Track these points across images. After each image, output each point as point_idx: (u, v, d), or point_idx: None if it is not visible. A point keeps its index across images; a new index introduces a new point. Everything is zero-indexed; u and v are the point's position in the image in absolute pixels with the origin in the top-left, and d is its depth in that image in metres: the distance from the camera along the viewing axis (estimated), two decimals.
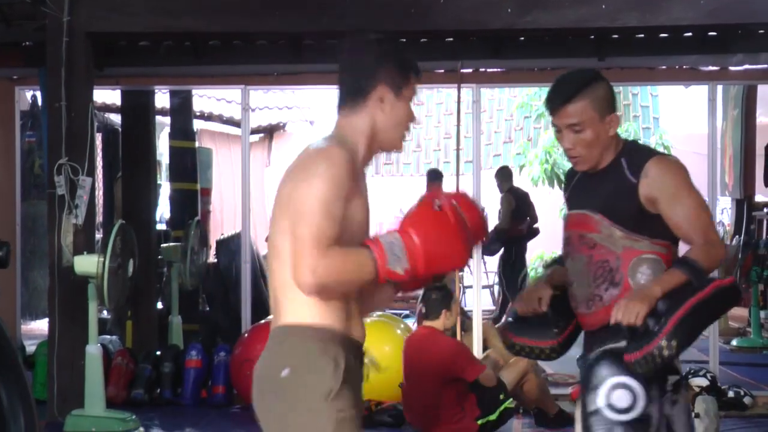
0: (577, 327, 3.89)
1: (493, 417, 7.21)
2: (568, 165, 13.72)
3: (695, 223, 3.62)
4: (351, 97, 3.20)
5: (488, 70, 9.12)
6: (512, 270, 12.85)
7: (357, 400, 3.07)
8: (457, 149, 9.47)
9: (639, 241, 3.66)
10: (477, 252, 9.27)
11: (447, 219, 3.07)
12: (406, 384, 7.33)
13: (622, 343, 3.59)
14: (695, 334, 3.55)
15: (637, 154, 3.75)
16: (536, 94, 15.86)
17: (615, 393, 3.62)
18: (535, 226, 12.86)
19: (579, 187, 3.88)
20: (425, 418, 7.18)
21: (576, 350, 4.04)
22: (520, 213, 12.72)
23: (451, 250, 3.05)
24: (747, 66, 8.77)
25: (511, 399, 7.37)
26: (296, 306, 3.04)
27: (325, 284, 2.94)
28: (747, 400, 8.04)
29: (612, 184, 3.72)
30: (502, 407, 7.25)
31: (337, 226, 2.97)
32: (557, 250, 14.17)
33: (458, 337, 8.70)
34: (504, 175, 12.66)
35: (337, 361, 3.02)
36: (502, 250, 12.78)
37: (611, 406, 3.61)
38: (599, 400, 3.62)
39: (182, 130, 10.85)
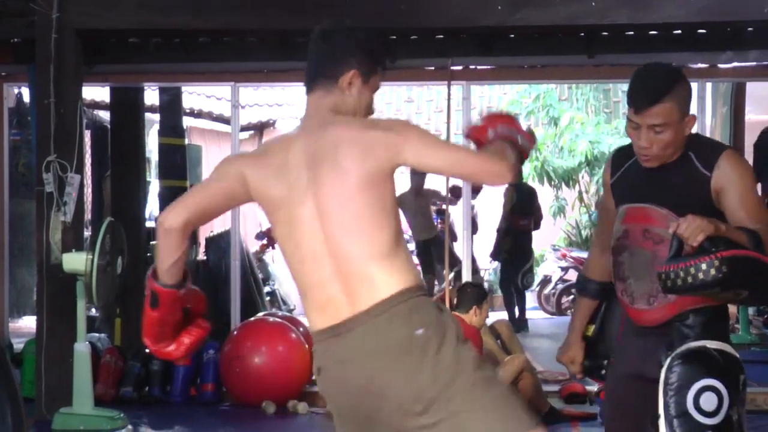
0: (741, 256, 3.51)
1: None
2: (558, 162, 13.69)
3: (762, 220, 3.59)
4: (321, 81, 3.27)
5: (478, 67, 9.10)
6: (513, 266, 12.84)
7: None
8: None
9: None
10: (467, 246, 9.26)
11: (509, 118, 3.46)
12: None
13: (701, 342, 3.60)
14: (747, 279, 3.46)
15: (708, 147, 3.76)
16: (526, 91, 15.88)
17: (703, 396, 3.55)
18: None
19: (638, 180, 3.81)
20: None
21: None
22: (522, 208, 12.73)
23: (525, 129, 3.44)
24: (736, 63, 8.77)
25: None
26: (388, 277, 3.09)
27: (513, 169, 3.22)
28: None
29: (682, 177, 3.70)
30: None
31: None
32: (547, 247, 14.11)
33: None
34: None
35: (446, 311, 3.24)
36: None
37: (699, 409, 3.55)
38: (687, 402, 3.55)
39: (172, 127, 10.82)
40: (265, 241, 14.15)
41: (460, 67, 8.96)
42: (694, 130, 3.79)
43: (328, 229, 3.11)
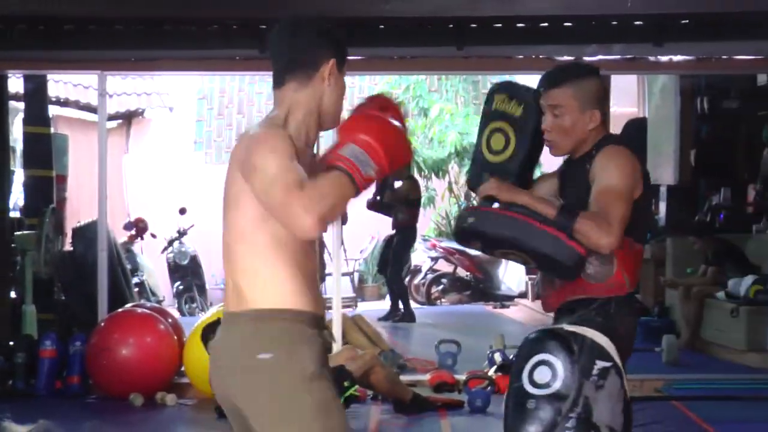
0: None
1: None
2: (428, 153, 13.85)
3: (604, 201, 3.71)
4: (296, 73, 3.19)
5: (348, 57, 9.10)
6: (397, 259, 12.86)
7: (330, 378, 3.14)
8: (317, 137, 9.44)
9: None
10: (337, 238, 9.28)
11: (382, 117, 3.17)
12: None
13: (559, 324, 3.81)
14: (505, 240, 3.79)
15: (601, 142, 3.88)
16: (396, 82, 15.95)
17: (537, 369, 3.72)
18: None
19: (564, 176, 4.01)
20: None
21: (437, 337, 4.10)
22: (412, 202, 12.79)
23: (399, 141, 3.15)
24: (601, 56, 8.93)
25: (355, 387, 7.43)
26: (264, 291, 3.06)
27: (323, 214, 2.93)
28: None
29: (578, 174, 3.88)
30: (346, 393, 7.31)
31: (298, 171, 2.96)
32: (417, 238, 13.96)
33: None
34: None
35: (313, 343, 3.08)
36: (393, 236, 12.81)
37: (531, 381, 3.71)
38: (524, 373, 3.74)
39: (37, 116, 10.59)
40: (133, 232, 13.99)
41: None
42: None
43: (226, 235, 3.14)
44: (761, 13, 8.29)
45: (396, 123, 3.18)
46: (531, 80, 14.08)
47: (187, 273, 14.43)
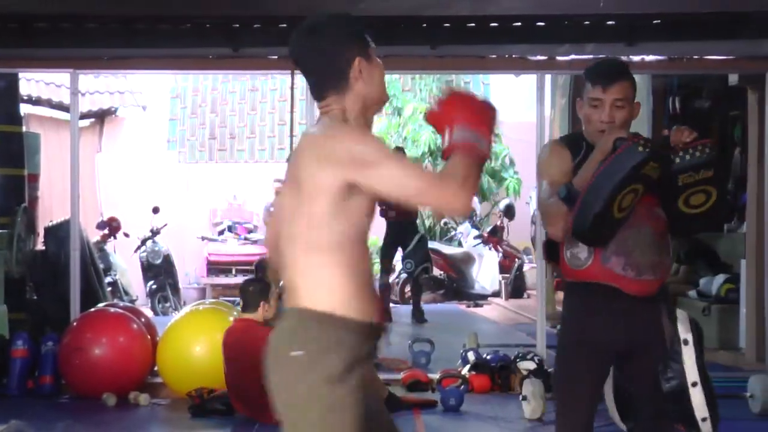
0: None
1: None
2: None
3: None
4: (331, 87, 3.27)
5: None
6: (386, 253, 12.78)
7: (360, 385, 3.17)
8: (291, 136, 9.47)
9: None
10: None
11: (466, 97, 3.35)
12: (230, 377, 7.35)
13: (679, 311, 4.28)
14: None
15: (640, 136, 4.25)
16: None
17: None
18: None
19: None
20: (254, 406, 7.19)
21: (411, 336, 4.11)
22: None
23: (485, 111, 3.32)
24: (573, 56, 8.97)
25: None
26: (316, 291, 3.15)
27: (467, 191, 3.10)
28: None
29: None
30: None
31: (411, 160, 3.20)
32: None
33: None
34: None
35: (345, 349, 3.14)
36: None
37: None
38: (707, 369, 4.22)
39: (8, 114, 10.51)
40: (106, 231, 13.93)
41: None
42: (532, 120, 3.95)
43: (288, 233, 3.22)
44: (732, 14, 8.35)
45: (475, 98, 3.37)
46: (504, 79, 14.10)
47: (160, 272, 14.38)
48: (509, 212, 15.92)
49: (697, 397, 4.17)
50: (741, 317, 9.70)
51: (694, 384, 4.15)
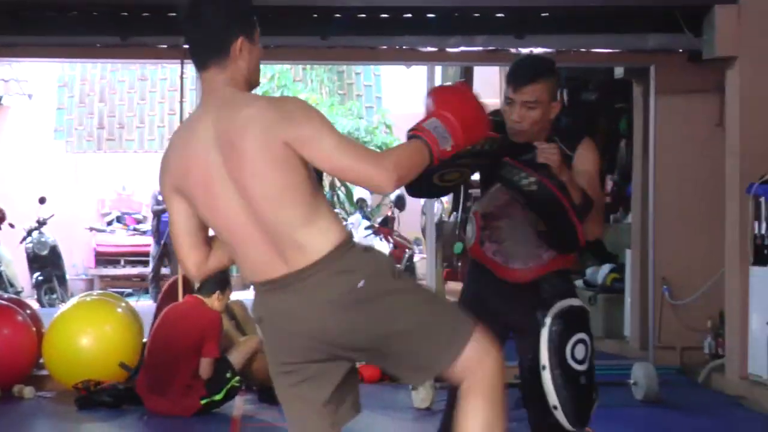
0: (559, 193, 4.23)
1: (218, 396, 7.26)
2: None
3: (594, 192, 4.36)
4: (214, 57, 3.34)
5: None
6: None
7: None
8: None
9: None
10: None
11: (465, 92, 3.48)
12: (151, 353, 7.38)
13: (568, 301, 4.31)
14: (545, 213, 4.24)
15: (570, 133, 4.50)
16: (262, 71, 15.85)
17: (576, 347, 4.26)
18: None
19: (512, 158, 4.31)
20: (153, 391, 7.18)
21: None
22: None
23: (477, 118, 3.44)
24: (464, 48, 9.03)
25: (237, 378, 7.41)
26: (310, 239, 3.26)
27: (402, 175, 3.24)
28: None
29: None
30: (228, 386, 7.29)
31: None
32: None
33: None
34: None
35: (379, 252, 3.46)
36: None
37: (574, 359, 4.26)
38: (566, 355, 4.25)
39: None
40: None
41: None
42: (422, 111, 3.93)
43: (253, 205, 3.26)
44: (618, 8, 8.50)
45: (477, 100, 3.46)
46: (395, 70, 14.18)
47: (46, 263, 14.17)
48: (400, 203, 15.98)
49: (546, 383, 4.25)
50: (626, 306, 9.89)
51: (543, 367, 4.25)
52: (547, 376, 4.24)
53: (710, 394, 8.27)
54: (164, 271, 14.40)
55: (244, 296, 13.25)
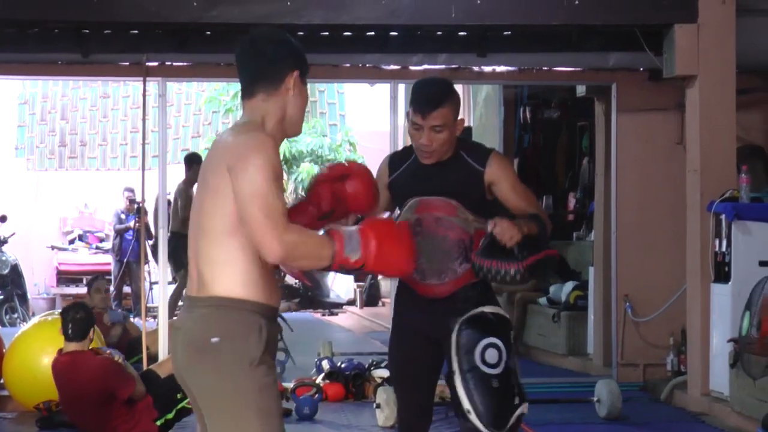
0: (540, 259, 4.32)
1: (170, 416, 7.15)
2: None
3: (533, 202, 4.55)
4: (264, 85, 3.46)
5: (174, 63, 9.00)
6: None
7: (274, 365, 3.44)
8: (143, 143, 9.35)
9: (483, 223, 4.37)
10: (164, 245, 9.15)
11: (404, 235, 3.49)
12: (66, 407, 7.14)
13: (479, 309, 4.40)
14: (542, 270, 4.39)
15: (476, 148, 4.63)
16: (224, 89, 15.85)
17: (487, 352, 4.32)
18: None
19: (420, 176, 4.49)
20: (100, 430, 7.03)
21: None
22: None
23: (399, 262, 3.46)
24: (426, 66, 9.05)
25: (188, 399, 7.30)
26: (226, 280, 3.34)
27: (291, 255, 3.26)
28: None
29: (459, 173, 4.48)
30: (179, 406, 7.18)
31: (283, 199, 3.29)
32: None
33: (143, 337, 8.60)
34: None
35: (261, 332, 3.35)
36: None
37: (485, 363, 4.31)
38: (475, 359, 4.31)
39: None
40: None
41: (155, 63, 8.85)
42: (386, 129, 4.01)
43: (197, 227, 3.42)
44: (579, 27, 8.54)
45: (410, 242, 3.48)
46: (358, 88, 14.12)
47: (7, 282, 14.03)
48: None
49: (458, 387, 4.33)
50: (589, 324, 9.92)
51: (453, 373, 4.35)
52: (458, 381, 4.33)
53: (673, 411, 8.30)
54: (126, 289, 14.31)
55: None
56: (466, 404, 4.30)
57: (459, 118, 4.50)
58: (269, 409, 3.37)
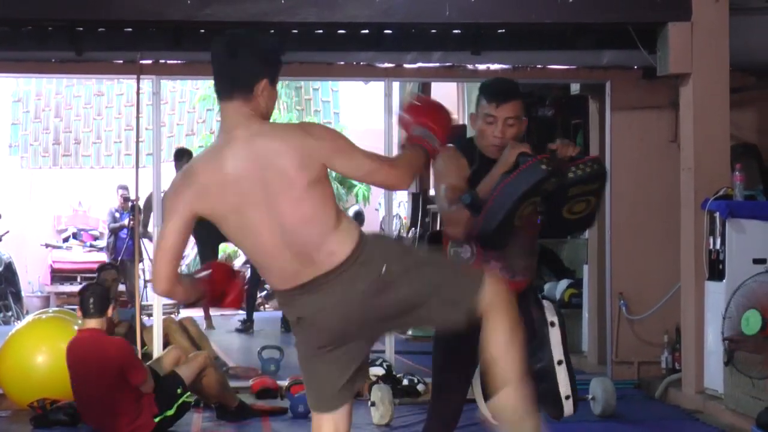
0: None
1: (170, 412, 7.17)
2: None
3: None
4: (239, 92, 3.79)
5: (169, 61, 9.00)
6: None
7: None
8: (137, 141, 9.35)
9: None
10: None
11: (429, 101, 4.27)
12: (77, 387, 7.15)
13: (546, 301, 4.76)
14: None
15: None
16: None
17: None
18: None
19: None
20: (102, 417, 7.06)
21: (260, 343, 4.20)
22: None
23: (445, 118, 4.13)
24: (421, 64, 9.06)
25: (189, 393, 7.34)
26: (339, 242, 3.76)
27: (411, 177, 3.94)
28: (420, 387, 8.34)
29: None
30: (179, 401, 7.21)
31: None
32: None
33: (138, 334, 8.60)
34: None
35: (389, 239, 4.21)
36: None
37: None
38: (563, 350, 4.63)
39: None
40: None
41: (149, 61, 8.85)
42: (380, 127, 4.10)
43: (286, 225, 3.73)
44: (573, 25, 8.55)
45: (438, 104, 4.19)
46: (352, 86, 14.13)
47: (1, 281, 14.02)
48: (359, 218, 15.98)
49: (561, 375, 4.55)
50: (584, 322, 9.93)
51: (560, 362, 4.55)
52: (563, 370, 4.58)
53: (667, 409, 8.31)
54: (120, 288, 14.29)
55: (197, 312, 13.21)
56: (567, 390, 4.58)
57: (524, 118, 4.69)
58: (440, 259, 4.24)
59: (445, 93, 13.07)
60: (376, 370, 8.44)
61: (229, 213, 3.77)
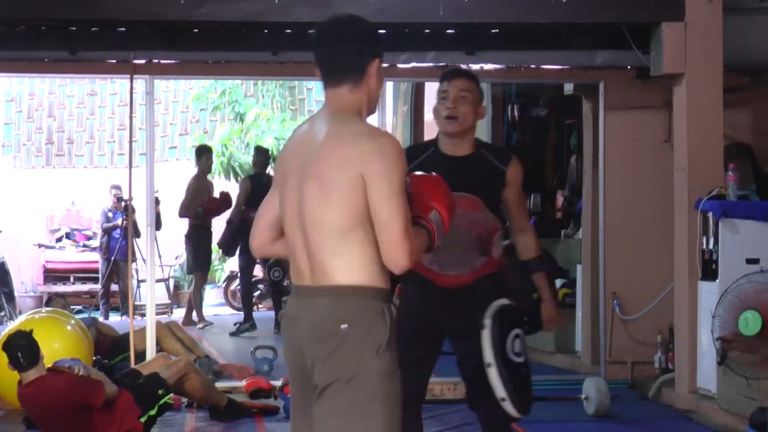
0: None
1: (152, 412, 7.11)
2: (244, 158, 13.74)
3: (525, 212, 5.08)
4: (350, 76, 3.58)
5: (162, 61, 8.99)
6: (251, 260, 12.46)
7: (396, 350, 3.54)
8: (130, 141, 9.34)
9: (497, 220, 4.80)
10: (151, 244, 9.14)
11: (443, 186, 3.81)
12: (45, 429, 7.01)
13: (501, 301, 4.61)
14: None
15: (497, 148, 5.17)
16: (212, 87, 15.83)
17: (515, 342, 4.58)
18: None
19: (439, 170, 4.31)
20: None
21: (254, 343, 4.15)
22: (256, 201, 12.50)
23: (451, 206, 3.77)
24: (414, 64, 9.05)
25: (170, 395, 7.27)
26: (350, 269, 3.47)
27: (411, 261, 3.46)
28: None
29: (483, 170, 4.81)
30: (161, 402, 7.15)
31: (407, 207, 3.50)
32: None
33: (131, 340, 8.58)
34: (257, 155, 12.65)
35: (385, 317, 3.49)
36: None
37: (514, 353, 4.57)
38: (507, 349, 4.55)
39: None
40: None
41: (143, 61, 8.83)
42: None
43: (305, 219, 3.52)
44: (567, 25, 8.55)
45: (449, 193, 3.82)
46: None
47: None
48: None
49: (493, 378, 4.51)
50: (577, 322, 9.93)
51: (488, 365, 4.51)
52: (493, 372, 4.51)
53: (660, 408, 8.32)
54: (114, 287, 14.29)
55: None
56: (501, 393, 4.51)
57: (481, 105, 4.86)
58: (394, 395, 3.48)
59: None
60: None
61: (281, 186, 3.67)
